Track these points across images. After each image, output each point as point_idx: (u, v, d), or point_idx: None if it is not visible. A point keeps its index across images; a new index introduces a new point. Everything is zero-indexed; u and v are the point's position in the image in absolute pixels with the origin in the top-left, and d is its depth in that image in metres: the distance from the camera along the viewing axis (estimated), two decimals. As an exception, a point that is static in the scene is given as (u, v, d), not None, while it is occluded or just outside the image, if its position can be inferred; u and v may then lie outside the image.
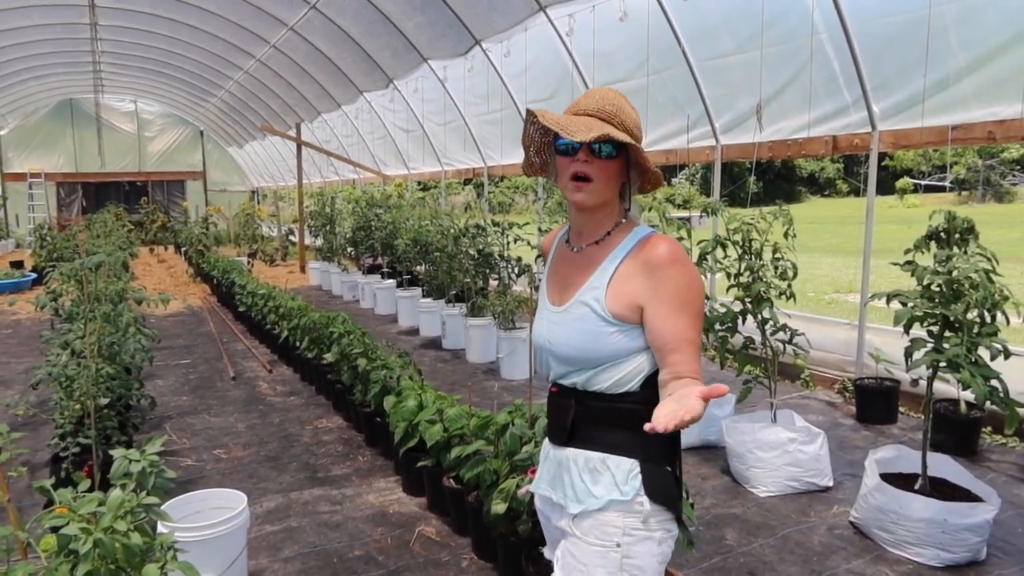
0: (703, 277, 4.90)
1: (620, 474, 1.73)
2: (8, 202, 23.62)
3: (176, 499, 3.27)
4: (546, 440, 1.95)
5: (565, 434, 1.82)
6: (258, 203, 25.75)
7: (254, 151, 24.67)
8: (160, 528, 2.60)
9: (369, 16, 11.69)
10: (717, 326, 4.64)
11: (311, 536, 3.88)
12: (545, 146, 1.91)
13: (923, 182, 39.25)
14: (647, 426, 1.38)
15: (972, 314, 3.42)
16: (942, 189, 38.10)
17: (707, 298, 4.84)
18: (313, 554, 3.69)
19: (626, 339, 1.72)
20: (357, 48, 13.06)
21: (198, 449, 5.21)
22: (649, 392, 1.74)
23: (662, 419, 1.37)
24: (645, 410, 1.65)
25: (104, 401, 4.09)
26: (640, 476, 1.73)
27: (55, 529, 1.91)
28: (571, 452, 1.80)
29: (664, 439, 1.70)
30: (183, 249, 18.29)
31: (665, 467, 1.76)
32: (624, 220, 1.83)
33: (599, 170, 1.73)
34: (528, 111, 1.79)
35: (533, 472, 2.10)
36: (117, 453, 2.27)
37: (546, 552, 2.04)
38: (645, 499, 1.72)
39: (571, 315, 1.78)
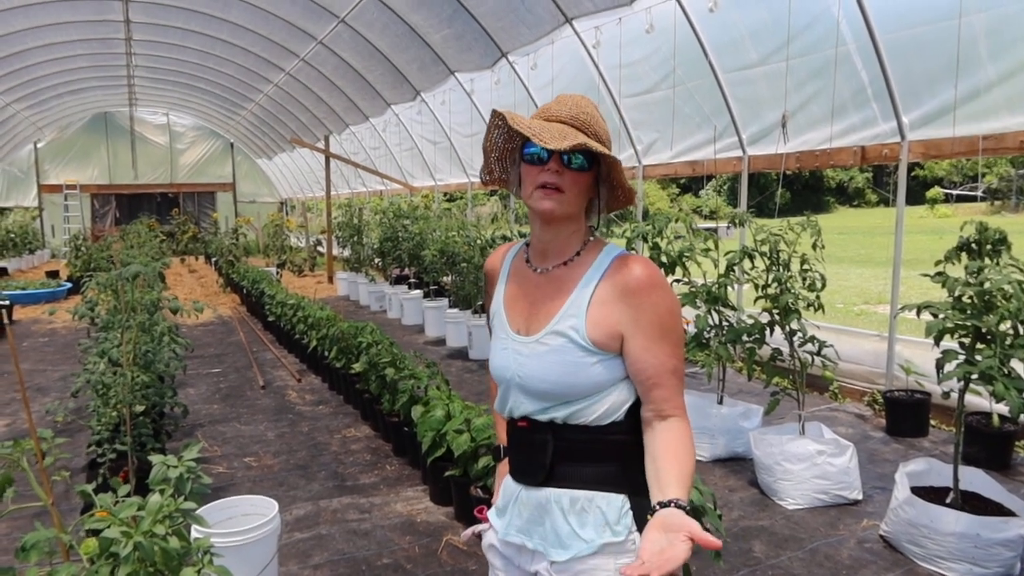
0: (731, 287, 4.91)
1: (612, 512, 1.56)
2: (44, 213, 24.16)
3: (208, 506, 3.32)
4: (508, 480, 1.74)
5: (543, 473, 1.61)
6: (287, 214, 26.05)
7: (283, 163, 24.99)
8: (195, 533, 2.65)
9: (397, 29, 11.83)
10: (744, 337, 4.63)
11: (340, 544, 3.92)
12: (508, 153, 1.72)
13: (954, 192, 38.72)
14: (623, 569, 1.24)
15: (1005, 326, 3.39)
16: (973, 199, 37.53)
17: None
18: (342, 562, 3.73)
19: (608, 369, 1.56)
20: (385, 61, 13.21)
21: (229, 457, 5.29)
22: (635, 420, 1.59)
23: (652, 565, 1.23)
24: (632, 440, 1.58)
25: (139, 409, 4.18)
26: (631, 512, 1.57)
27: (96, 532, 1.96)
28: (551, 492, 1.61)
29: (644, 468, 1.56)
30: (213, 259, 18.55)
31: (645, 499, 1.54)
32: (592, 239, 1.67)
33: (570, 182, 1.56)
34: (494, 112, 1.61)
35: (482, 513, 1.85)
36: (156, 459, 2.33)
37: None
38: (637, 536, 1.55)
39: (545, 346, 1.59)
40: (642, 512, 1.54)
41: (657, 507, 1.41)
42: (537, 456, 1.62)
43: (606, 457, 1.59)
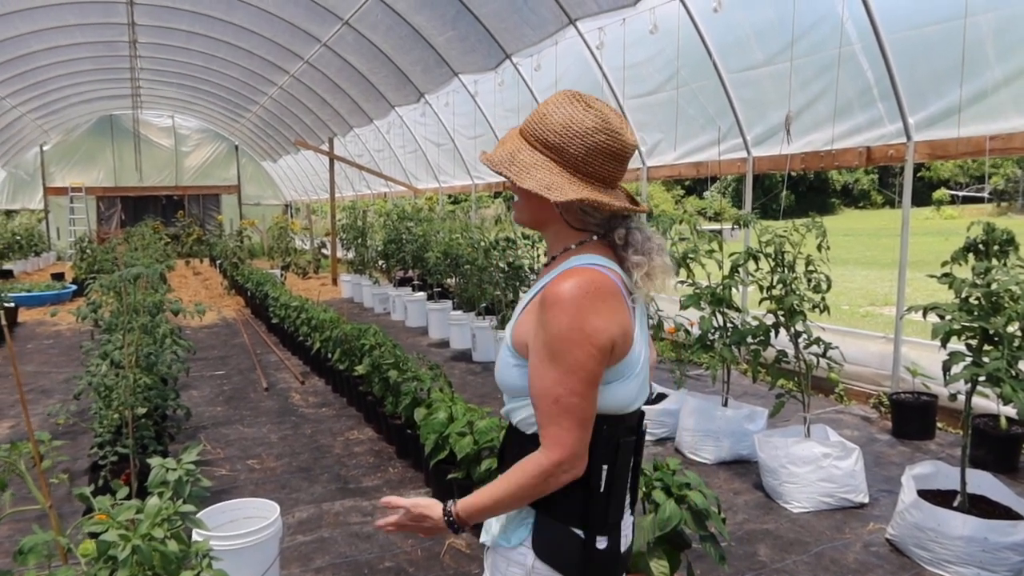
0: (735, 289, 4.87)
1: (510, 517, 1.59)
2: (50, 215, 24.23)
3: (210, 508, 3.31)
4: None
5: (499, 460, 1.73)
6: (291, 216, 26.09)
7: (288, 165, 25.03)
8: (195, 536, 2.64)
9: (401, 31, 11.83)
10: (749, 339, 4.61)
11: (342, 547, 3.90)
12: None
13: (960, 193, 38.59)
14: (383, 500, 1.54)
15: (1013, 327, 3.36)
16: (980, 200, 37.40)
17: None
18: (344, 565, 3.71)
19: (522, 377, 1.54)
20: (389, 63, 13.22)
21: (232, 459, 5.28)
22: None
23: (394, 513, 1.59)
24: None
25: (141, 411, 4.17)
26: (532, 526, 1.56)
27: (94, 535, 1.94)
28: None
29: (575, 501, 1.53)
30: (218, 262, 18.57)
31: (571, 528, 1.53)
32: (573, 247, 1.61)
33: (519, 194, 1.60)
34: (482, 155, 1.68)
35: None
36: (154, 462, 2.32)
37: None
38: (530, 552, 1.55)
39: (503, 341, 1.66)
40: (545, 532, 1.54)
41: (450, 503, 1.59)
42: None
43: None
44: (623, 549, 1.64)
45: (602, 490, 1.54)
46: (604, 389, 1.52)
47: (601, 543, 1.56)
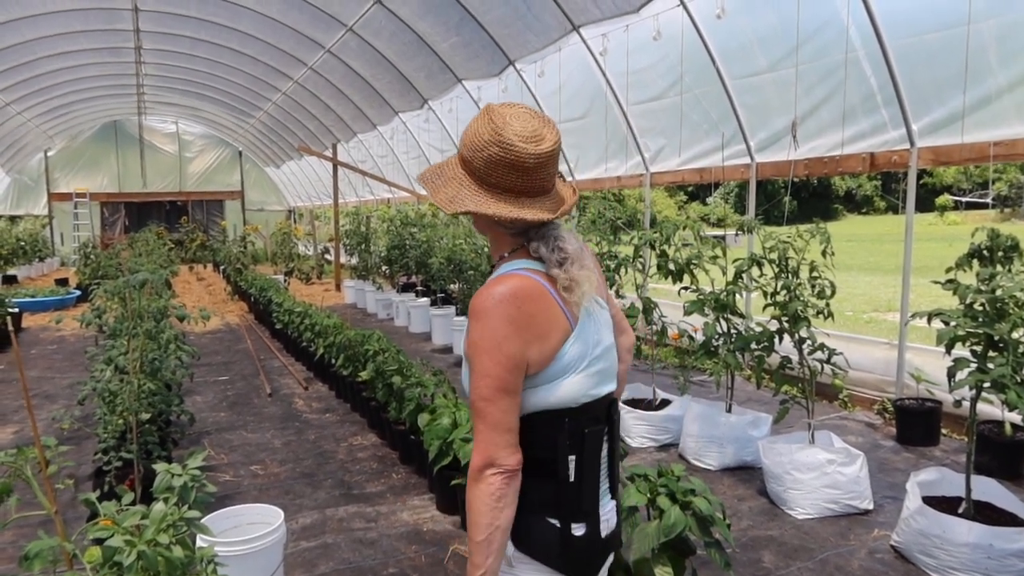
0: (739, 295, 4.87)
1: None
2: (54, 221, 24.30)
3: (214, 514, 3.31)
4: None
5: None
6: (294, 222, 26.12)
7: (291, 171, 25.08)
8: (199, 542, 2.64)
9: (404, 38, 11.86)
10: (753, 345, 4.61)
11: (346, 553, 3.90)
12: None
13: (964, 199, 38.54)
14: None
15: (1017, 333, 3.35)
16: (984, 206, 37.34)
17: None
18: (348, 571, 3.71)
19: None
20: (392, 69, 13.25)
21: (235, 465, 5.28)
22: (524, 435, 1.58)
23: None
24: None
25: (145, 416, 4.17)
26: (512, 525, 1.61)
27: (99, 541, 1.95)
28: None
29: (547, 491, 1.60)
30: (221, 267, 18.61)
31: (547, 519, 1.61)
32: (507, 253, 1.68)
33: None
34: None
35: None
36: (160, 467, 2.32)
37: None
38: (509, 543, 1.61)
39: None
40: (524, 523, 1.59)
41: None
42: None
43: None
44: (605, 534, 1.68)
45: (572, 480, 1.61)
46: (546, 387, 1.58)
47: (578, 530, 1.62)
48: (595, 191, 9.66)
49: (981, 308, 3.48)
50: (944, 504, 3.74)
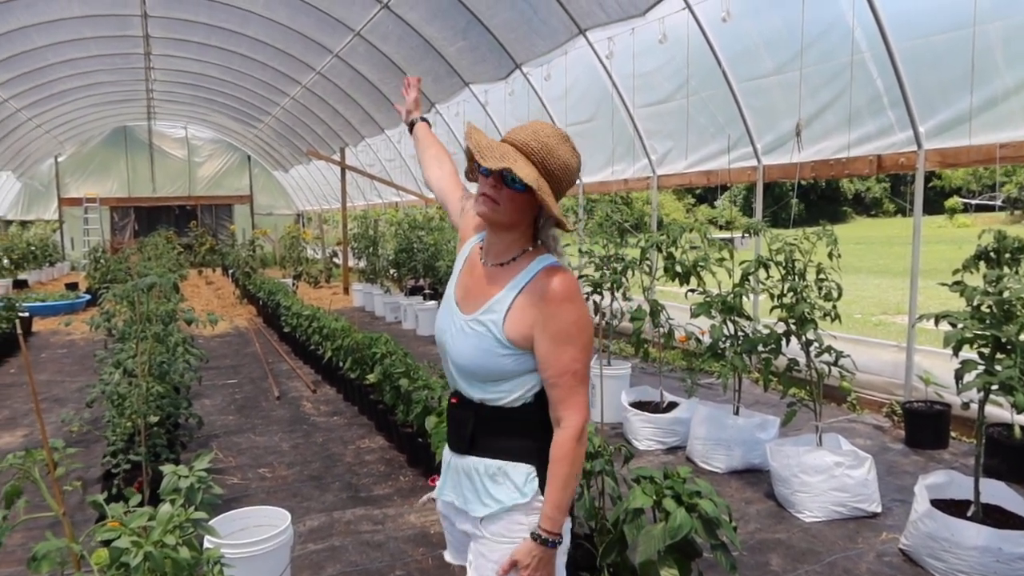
0: (746, 297, 4.87)
1: (519, 478, 1.85)
2: (64, 226, 24.44)
3: (222, 516, 3.33)
4: (446, 448, 2.06)
5: (465, 444, 1.92)
6: (303, 226, 26.19)
7: (299, 175, 25.16)
8: (207, 543, 2.65)
9: (412, 42, 11.90)
10: (760, 347, 4.60)
11: (353, 555, 3.91)
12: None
13: (973, 201, 38.31)
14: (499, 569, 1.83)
15: (1025, 336, 3.34)
16: (993, 208, 37.14)
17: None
18: (355, 573, 3.72)
19: (518, 362, 1.83)
20: (400, 73, 13.28)
21: (243, 467, 5.30)
22: (543, 400, 1.85)
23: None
24: (539, 418, 1.86)
25: (154, 419, 4.19)
26: (537, 479, 1.85)
27: (107, 542, 1.96)
28: (472, 460, 1.91)
29: (548, 442, 1.85)
30: (230, 271, 18.67)
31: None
32: (531, 248, 1.89)
33: (506, 198, 1.78)
34: (468, 125, 1.88)
35: (434, 481, 2.17)
36: (167, 469, 2.33)
37: (447, 556, 2.17)
38: (541, 496, 1.84)
39: (472, 330, 1.86)
40: (545, 473, 1.84)
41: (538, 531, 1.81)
42: (462, 429, 1.93)
43: (516, 433, 1.88)
44: None
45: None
46: None
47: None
48: (602, 194, 9.67)
49: (988, 310, 3.46)
50: (953, 507, 3.72)
